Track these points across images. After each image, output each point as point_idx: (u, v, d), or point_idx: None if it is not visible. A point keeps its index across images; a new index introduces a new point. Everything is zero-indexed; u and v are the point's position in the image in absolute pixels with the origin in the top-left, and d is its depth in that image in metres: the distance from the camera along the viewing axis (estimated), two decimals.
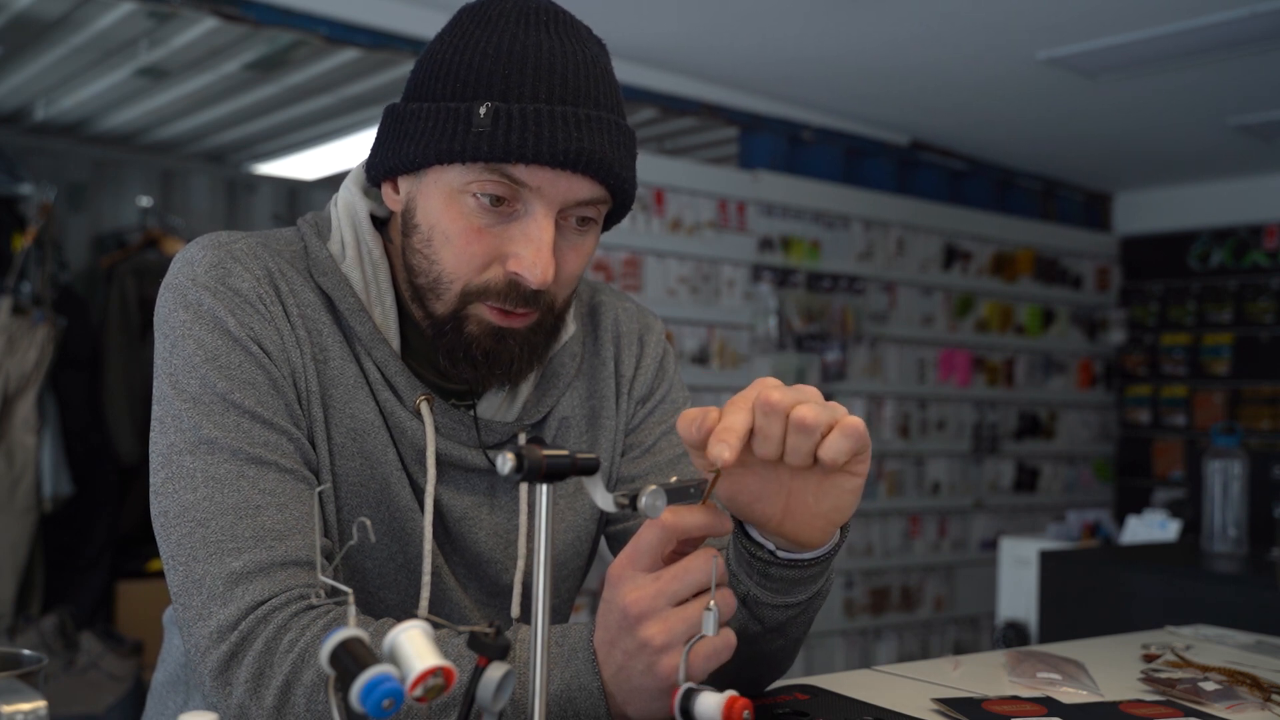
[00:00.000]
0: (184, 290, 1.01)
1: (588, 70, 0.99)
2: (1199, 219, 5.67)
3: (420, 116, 0.99)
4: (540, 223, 0.97)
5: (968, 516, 5.10)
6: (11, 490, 3.78)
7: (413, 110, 1.00)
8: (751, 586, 0.93)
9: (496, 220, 0.98)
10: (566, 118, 0.95)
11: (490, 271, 0.99)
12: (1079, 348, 5.67)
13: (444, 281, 1.00)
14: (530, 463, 0.72)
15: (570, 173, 0.96)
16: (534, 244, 0.97)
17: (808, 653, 4.45)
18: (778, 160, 4.50)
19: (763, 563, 0.91)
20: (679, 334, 4.07)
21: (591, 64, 0.99)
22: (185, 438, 0.96)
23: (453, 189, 0.98)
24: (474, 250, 0.98)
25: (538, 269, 0.97)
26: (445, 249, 0.99)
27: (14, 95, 4.38)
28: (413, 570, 1.06)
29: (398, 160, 1.01)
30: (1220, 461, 2.65)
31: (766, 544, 0.90)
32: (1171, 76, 3.94)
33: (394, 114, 1.03)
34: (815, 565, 0.91)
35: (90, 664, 3.66)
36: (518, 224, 0.98)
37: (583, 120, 0.96)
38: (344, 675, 0.62)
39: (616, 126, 0.99)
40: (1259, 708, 1.09)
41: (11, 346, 3.78)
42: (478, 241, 0.98)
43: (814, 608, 0.98)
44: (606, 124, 0.98)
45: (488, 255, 0.99)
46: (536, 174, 0.95)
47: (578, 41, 1.00)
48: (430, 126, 0.98)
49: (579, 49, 0.99)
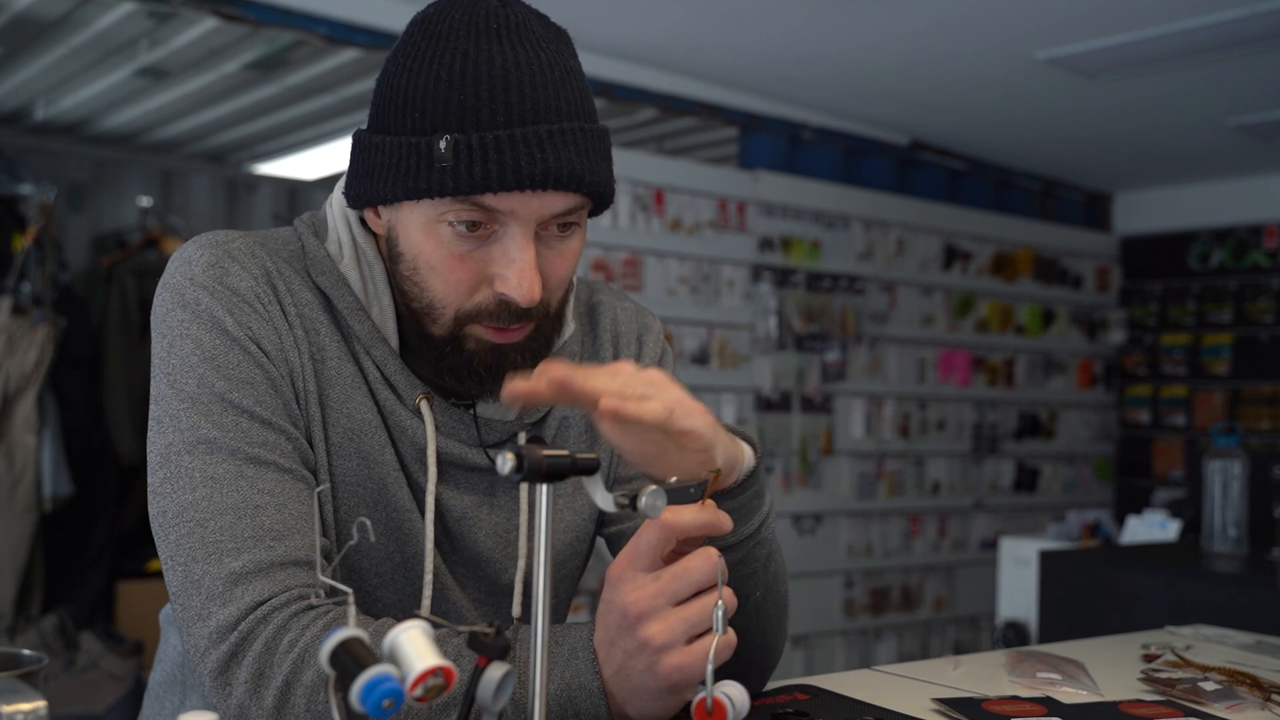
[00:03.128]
0: (181, 289, 1.01)
1: (545, 78, 0.96)
2: (1199, 219, 5.67)
3: (384, 151, 0.98)
4: (519, 242, 0.96)
5: (968, 516, 5.10)
6: (11, 490, 3.78)
7: (377, 143, 0.99)
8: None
9: (476, 245, 0.97)
10: (529, 139, 0.94)
11: (479, 295, 0.99)
12: (1079, 348, 5.67)
13: (436, 308, 1.00)
14: (530, 462, 0.72)
15: (540, 192, 0.95)
16: (516, 265, 0.96)
17: (808, 653, 4.45)
18: (777, 160, 4.50)
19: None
20: (679, 334, 4.07)
21: (549, 69, 0.96)
22: (183, 437, 0.96)
23: (428, 220, 0.97)
24: (459, 277, 0.98)
25: (524, 288, 0.96)
26: (432, 277, 0.99)
27: (14, 95, 4.38)
28: (411, 570, 1.06)
29: (371, 194, 1.00)
30: (1220, 461, 2.65)
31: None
32: (1171, 76, 3.93)
33: (361, 144, 1.02)
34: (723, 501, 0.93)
35: (90, 664, 3.66)
36: (498, 245, 0.97)
37: (544, 138, 0.94)
38: (344, 675, 0.62)
39: (582, 133, 0.97)
40: (1259, 708, 1.09)
41: (11, 346, 3.78)
42: (461, 268, 0.98)
43: (755, 558, 0.99)
44: (571, 134, 0.96)
45: (473, 280, 0.98)
46: (507, 199, 0.94)
47: (533, 46, 0.97)
48: (395, 163, 0.97)
49: (534, 54, 0.96)
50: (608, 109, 4.17)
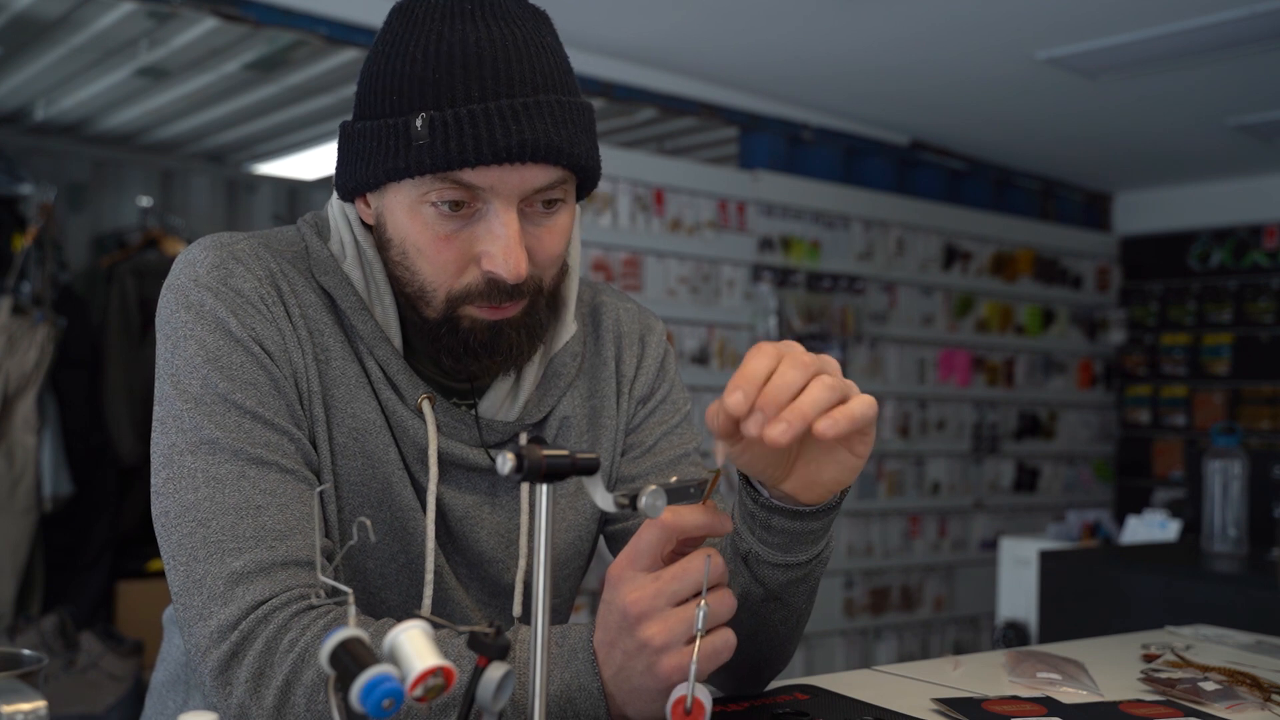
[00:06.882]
0: (186, 291, 1.01)
1: (520, 54, 0.96)
2: (1199, 219, 5.67)
3: (366, 136, 0.99)
4: (503, 218, 0.97)
5: (968, 516, 5.10)
6: (11, 490, 3.78)
7: (359, 129, 1.00)
8: (754, 544, 0.95)
9: (461, 224, 0.98)
10: (503, 112, 0.94)
11: (468, 275, 0.99)
12: (1079, 348, 5.67)
13: (428, 291, 1.01)
14: (530, 463, 0.72)
15: (519, 165, 0.95)
16: (500, 241, 0.97)
17: (808, 653, 4.45)
18: (777, 160, 4.50)
19: (764, 511, 0.93)
20: (679, 334, 4.07)
21: (524, 46, 0.97)
22: (186, 438, 0.96)
23: (411, 202, 0.98)
24: (446, 258, 0.98)
25: (510, 264, 0.97)
26: (420, 260, 1.00)
27: (14, 95, 4.38)
28: (414, 570, 1.06)
29: (356, 181, 1.01)
30: (1220, 461, 2.65)
31: (763, 491, 0.93)
32: (1171, 76, 3.93)
33: (346, 134, 1.04)
34: (814, 519, 0.93)
35: (90, 664, 3.66)
36: (482, 223, 0.98)
37: (519, 110, 0.94)
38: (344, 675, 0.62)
39: (559, 105, 0.97)
40: (1259, 708, 1.09)
41: (11, 346, 3.78)
42: (447, 249, 0.98)
43: (814, 576, 1.00)
44: (547, 106, 0.96)
45: (461, 260, 0.99)
46: (485, 174, 0.95)
47: (509, 24, 0.97)
48: (375, 146, 0.98)
49: (510, 32, 0.97)
50: (608, 109, 4.17)
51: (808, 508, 0.92)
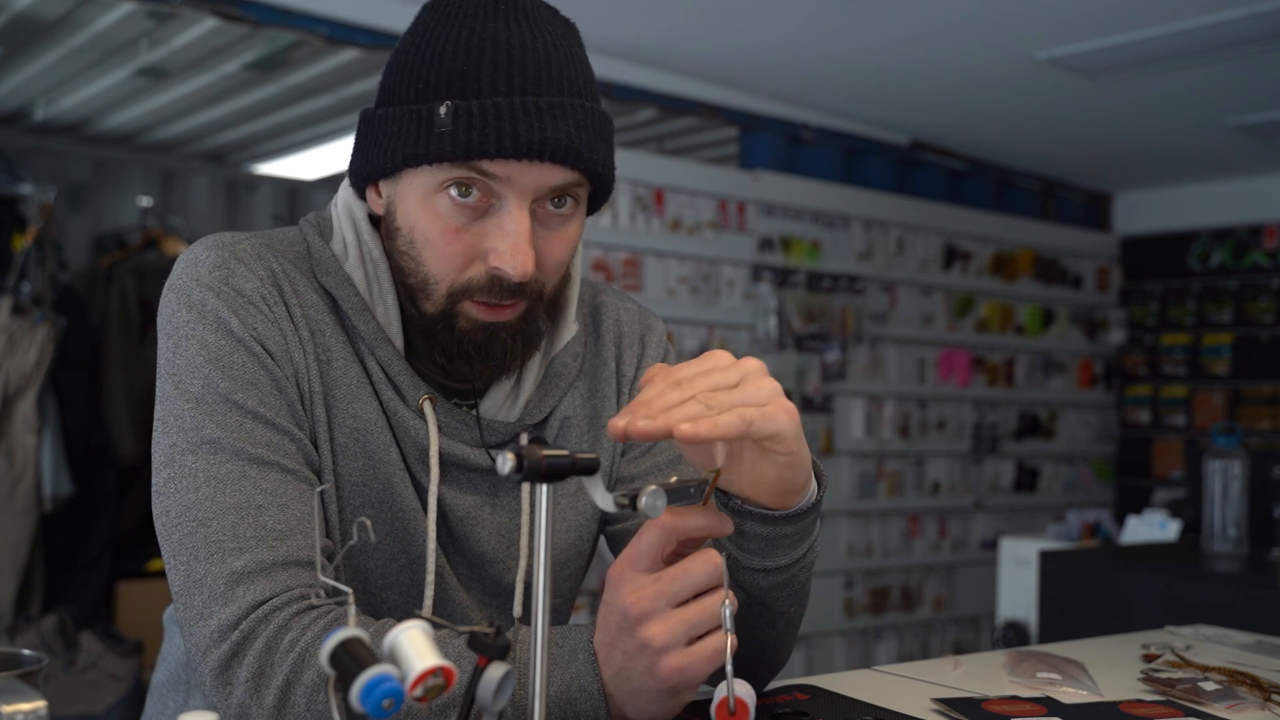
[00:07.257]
0: (187, 290, 1.01)
1: (549, 57, 0.98)
2: (1199, 219, 5.67)
3: (387, 121, 1.00)
4: (514, 215, 0.97)
5: (968, 516, 5.10)
6: (11, 490, 3.78)
7: (381, 115, 1.01)
8: (731, 549, 0.95)
9: (472, 218, 0.98)
10: (527, 108, 0.95)
11: (473, 269, 1.00)
12: (1079, 348, 5.67)
13: (430, 283, 1.01)
14: (530, 463, 0.72)
15: (537, 162, 0.96)
16: (510, 237, 0.97)
17: (808, 653, 4.45)
18: (777, 160, 4.50)
19: (736, 516, 0.93)
20: (679, 334, 4.07)
21: (554, 50, 0.99)
22: (187, 438, 0.96)
23: (426, 190, 0.99)
24: (454, 250, 0.99)
25: (517, 261, 0.97)
26: (426, 251, 1.00)
27: (14, 95, 4.38)
28: (415, 570, 1.06)
29: (372, 167, 1.02)
30: (1220, 461, 2.65)
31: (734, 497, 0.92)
32: (1171, 76, 3.94)
33: (367, 120, 1.04)
34: (787, 523, 0.93)
35: (90, 664, 3.66)
36: (493, 219, 0.98)
37: (544, 108, 0.96)
38: (344, 675, 0.62)
39: (582, 110, 0.98)
40: (1259, 708, 1.09)
41: (11, 346, 3.78)
42: (456, 241, 0.99)
43: (797, 580, 1.00)
44: (570, 109, 0.97)
45: (468, 254, 0.99)
46: (503, 167, 0.96)
47: (539, 28, 0.99)
48: (396, 131, 0.98)
49: (541, 35, 0.99)
50: (608, 109, 4.15)
51: (777, 512, 0.92)
